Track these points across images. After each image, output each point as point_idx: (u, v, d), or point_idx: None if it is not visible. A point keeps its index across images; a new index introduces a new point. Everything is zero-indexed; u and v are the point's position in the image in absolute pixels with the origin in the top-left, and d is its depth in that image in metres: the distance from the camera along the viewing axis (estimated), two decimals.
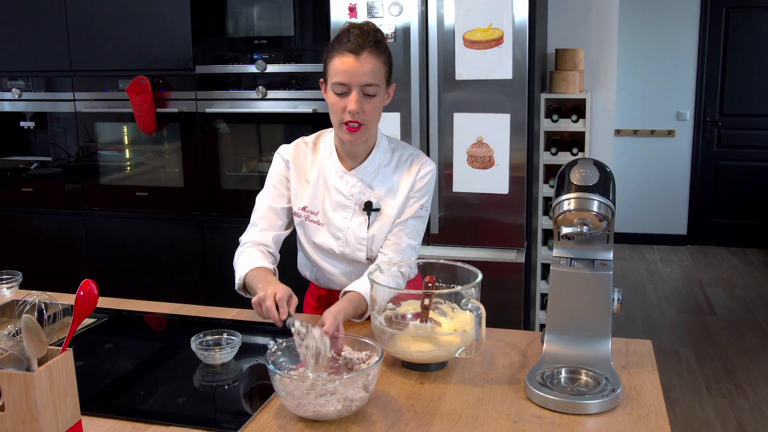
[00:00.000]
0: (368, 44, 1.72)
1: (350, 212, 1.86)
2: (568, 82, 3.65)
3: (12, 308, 1.90)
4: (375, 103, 1.75)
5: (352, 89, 1.72)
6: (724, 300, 4.88)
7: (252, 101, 3.47)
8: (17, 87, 3.83)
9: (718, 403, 3.45)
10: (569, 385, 1.49)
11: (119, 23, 3.57)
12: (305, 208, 1.89)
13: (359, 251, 1.86)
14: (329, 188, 1.87)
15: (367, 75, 1.71)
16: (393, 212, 1.86)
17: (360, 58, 1.70)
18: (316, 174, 1.89)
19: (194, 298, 3.49)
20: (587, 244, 1.60)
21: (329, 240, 1.87)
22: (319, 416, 1.36)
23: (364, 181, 1.86)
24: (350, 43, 1.71)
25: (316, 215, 1.88)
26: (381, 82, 1.74)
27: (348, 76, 1.71)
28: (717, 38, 5.83)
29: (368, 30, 1.76)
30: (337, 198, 1.87)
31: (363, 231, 1.85)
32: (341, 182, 1.86)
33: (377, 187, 1.86)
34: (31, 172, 3.95)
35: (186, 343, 1.68)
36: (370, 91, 1.73)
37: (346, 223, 1.86)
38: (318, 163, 1.90)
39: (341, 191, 1.86)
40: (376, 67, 1.72)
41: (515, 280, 3.03)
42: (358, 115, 1.73)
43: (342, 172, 1.87)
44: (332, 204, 1.87)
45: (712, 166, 6.04)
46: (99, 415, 1.42)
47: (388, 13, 2.98)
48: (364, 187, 1.86)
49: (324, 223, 1.88)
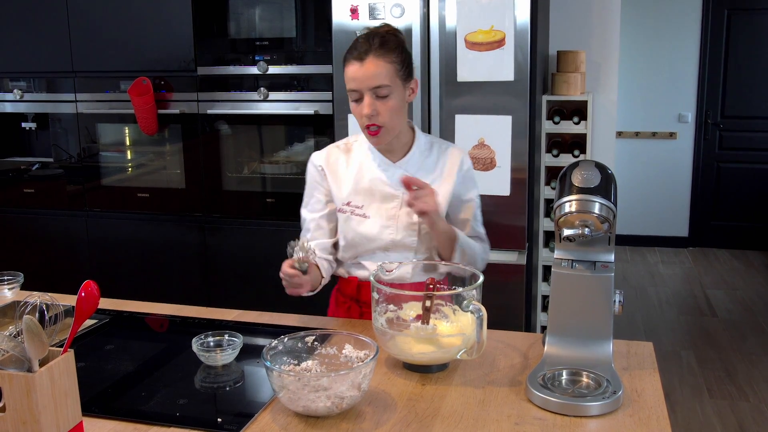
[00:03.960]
0: (372, 47, 1.75)
1: (399, 201, 1.89)
2: (569, 84, 3.65)
3: (13, 309, 1.90)
4: (390, 104, 1.78)
5: (364, 94, 1.77)
6: (726, 302, 4.88)
7: (253, 102, 3.47)
8: (19, 88, 3.84)
9: (719, 405, 3.45)
10: (570, 386, 1.49)
11: (121, 24, 3.58)
12: (350, 203, 1.93)
13: (410, 237, 1.89)
14: (374, 182, 1.90)
15: (374, 78, 1.75)
16: (440, 194, 1.88)
17: (364, 63, 1.75)
18: (355, 172, 1.93)
19: (195, 299, 3.49)
20: (588, 246, 1.59)
21: (379, 230, 1.89)
22: (309, 411, 1.37)
23: (409, 172, 1.89)
24: (355, 51, 1.77)
25: (361, 209, 1.91)
26: (391, 81, 1.77)
27: (357, 82, 1.77)
28: (718, 40, 5.82)
29: (374, 33, 1.79)
30: (385, 189, 1.90)
31: (414, 217, 1.87)
32: (387, 174, 1.90)
33: (423, 176, 1.88)
34: (33, 173, 3.95)
35: (187, 345, 1.68)
36: (381, 93, 1.76)
37: (395, 212, 1.89)
38: (356, 162, 1.94)
39: (387, 182, 1.90)
40: (382, 68, 1.75)
41: (516, 282, 3.03)
42: (374, 118, 1.78)
43: (387, 164, 1.90)
44: (380, 197, 1.90)
45: (714, 169, 6.04)
46: (100, 416, 1.42)
47: (389, 14, 2.98)
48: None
49: (371, 215, 1.90)
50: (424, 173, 1.91)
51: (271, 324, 1.93)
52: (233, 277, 3.65)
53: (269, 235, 3.54)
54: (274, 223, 3.53)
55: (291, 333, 1.56)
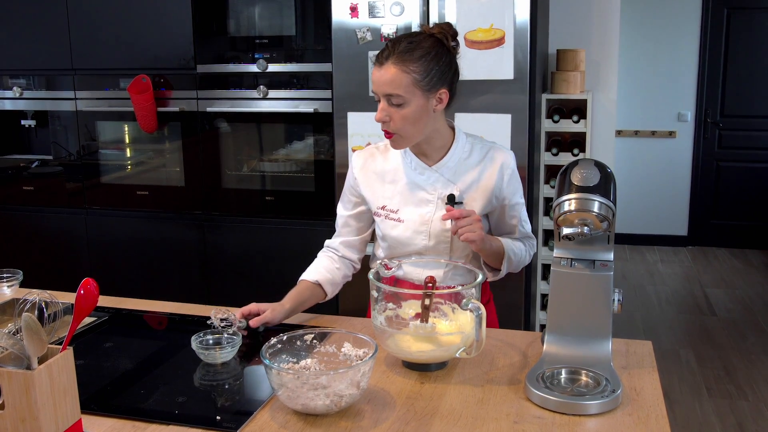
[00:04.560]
0: (394, 53, 1.71)
1: (433, 206, 1.86)
2: (569, 83, 3.65)
3: (12, 307, 1.90)
4: (403, 113, 1.73)
5: (381, 98, 1.75)
6: (725, 301, 4.88)
7: (253, 101, 3.47)
8: (18, 85, 3.83)
9: (718, 404, 3.45)
10: (569, 385, 1.49)
11: (120, 22, 3.57)
12: (384, 207, 1.91)
13: (443, 243, 1.86)
14: (410, 186, 1.88)
15: (387, 85, 1.71)
16: (478, 201, 1.86)
17: (382, 68, 1.72)
18: (392, 174, 1.90)
19: (195, 297, 3.49)
20: (588, 245, 1.60)
21: (411, 235, 1.87)
22: (308, 410, 1.37)
23: (445, 176, 1.86)
24: (380, 53, 1.75)
25: (396, 213, 1.89)
26: (407, 91, 1.71)
27: (374, 85, 1.75)
28: (718, 39, 5.82)
29: (405, 37, 1.76)
30: (419, 194, 1.87)
31: (447, 224, 1.83)
32: (422, 178, 1.87)
33: (459, 181, 1.86)
34: (32, 171, 3.95)
35: (186, 342, 1.68)
36: (394, 101, 1.72)
37: (429, 217, 1.86)
38: (392, 164, 1.91)
39: (423, 187, 1.87)
40: (397, 77, 1.70)
41: (516, 281, 3.03)
42: (386, 124, 1.75)
43: (422, 168, 1.87)
44: (415, 201, 1.87)
45: (713, 167, 6.04)
46: (99, 413, 1.42)
47: (389, 13, 2.98)
48: (445, 182, 1.86)
49: (405, 219, 1.88)
50: (460, 176, 1.86)
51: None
52: (232, 275, 3.65)
53: (268, 233, 3.54)
54: (274, 221, 3.54)
55: (290, 331, 1.56)
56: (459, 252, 1.88)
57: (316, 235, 3.36)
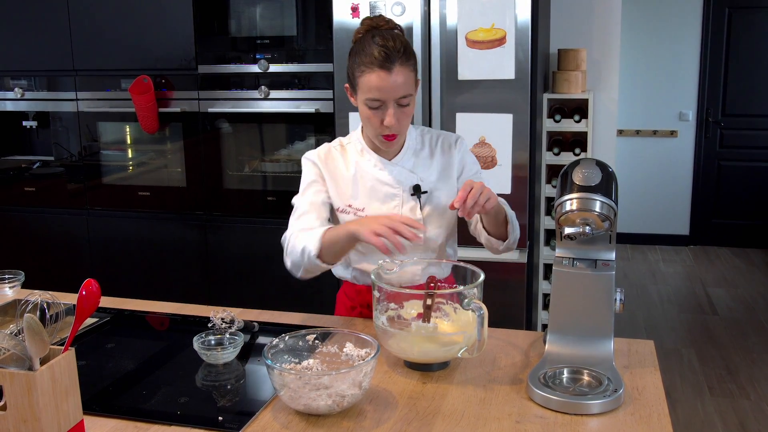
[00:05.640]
0: (397, 55, 1.68)
1: (399, 200, 1.85)
2: (570, 82, 3.65)
3: (14, 308, 1.90)
4: (408, 110, 1.74)
5: (387, 104, 1.70)
6: (726, 300, 4.88)
7: (254, 101, 3.47)
8: (20, 86, 3.84)
9: (720, 403, 3.45)
10: (571, 385, 1.49)
11: (122, 23, 3.58)
12: (350, 206, 1.88)
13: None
14: (373, 182, 1.86)
15: (401, 88, 1.69)
16: (442, 186, 1.86)
17: (392, 73, 1.67)
18: (353, 172, 1.88)
19: (196, 297, 3.49)
20: (589, 245, 1.59)
21: None
22: (310, 410, 1.37)
23: (406, 167, 1.86)
24: (380, 58, 1.67)
25: (362, 211, 1.87)
26: (412, 88, 1.73)
27: (382, 92, 1.68)
28: (719, 38, 5.82)
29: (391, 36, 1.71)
30: (384, 189, 1.86)
31: (417, 213, 1.84)
32: (384, 173, 1.86)
33: (420, 171, 1.86)
34: (34, 172, 3.95)
35: (188, 343, 1.68)
36: (404, 102, 1.71)
37: (397, 211, 1.85)
38: (352, 163, 1.89)
39: (387, 182, 1.85)
40: (407, 77, 1.70)
41: (517, 281, 3.03)
42: (395, 127, 1.73)
43: (383, 164, 1.86)
44: (380, 197, 1.86)
45: (715, 167, 6.03)
46: (101, 414, 1.42)
47: (390, 13, 2.98)
48: (408, 173, 1.86)
49: None
50: (420, 166, 1.87)
51: (272, 322, 1.93)
52: (234, 276, 3.65)
53: (270, 234, 3.54)
54: (275, 221, 3.53)
55: (292, 331, 1.56)
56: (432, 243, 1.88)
57: None
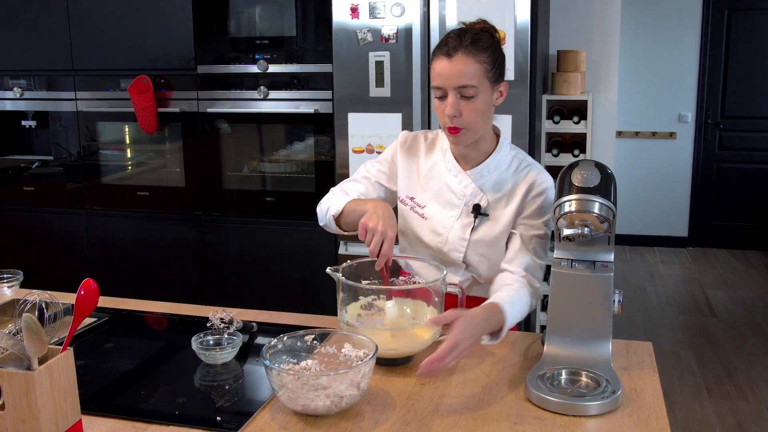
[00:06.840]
0: (463, 44, 1.66)
1: (458, 212, 1.82)
2: (569, 84, 3.65)
3: (13, 307, 1.90)
4: (475, 105, 1.69)
5: (448, 92, 1.68)
6: (725, 302, 4.88)
7: (253, 101, 3.47)
8: (19, 86, 3.84)
9: (719, 405, 3.45)
10: (570, 386, 1.49)
11: (121, 23, 3.58)
12: (413, 199, 1.87)
13: (457, 252, 1.82)
14: (441, 185, 1.84)
15: (461, 77, 1.66)
16: (502, 219, 1.79)
17: (453, 60, 1.66)
18: (428, 169, 1.86)
19: (195, 297, 3.49)
20: (588, 246, 1.59)
21: (429, 235, 1.84)
22: (308, 410, 1.37)
23: (477, 183, 1.81)
24: (446, 46, 1.67)
25: (422, 208, 1.85)
26: (479, 82, 1.68)
27: (442, 79, 1.68)
28: (719, 40, 5.82)
29: (468, 29, 1.72)
30: (448, 196, 1.83)
31: (466, 233, 1.80)
32: (455, 181, 1.83)
33: (489, 191, 1.81)
34: (33, 171, 3.95)
35: (186, 343, 1.68)
36: (466, 93, 1.67)
37: (451, 222, 1.82)
38: (433, 159, 1.87)
39: (453, 190, 1.83)
40: (471, 68, 1.66)
41: None
42: (456, 119, 1.69)
43: (457, 171, 1.83)
44: (442, 201, 1.84)
45: (714, 168, 6.04)
46: (99, 414, 1.42)
47: (390, 14, 2.98)
48: (476, 190, 1.81)
49: (428, 217, 1.85)
50: (493, 186, 1.80)
51: (270, 322, 1.93)
52: (233, 276, 3.65)
53: (269, 234, 3.55)
54: (274, 221, 3.54)
55: (290, 332, 1.56)
56: (474, 267, 1.83)
57: (317, 236, 3.38)
